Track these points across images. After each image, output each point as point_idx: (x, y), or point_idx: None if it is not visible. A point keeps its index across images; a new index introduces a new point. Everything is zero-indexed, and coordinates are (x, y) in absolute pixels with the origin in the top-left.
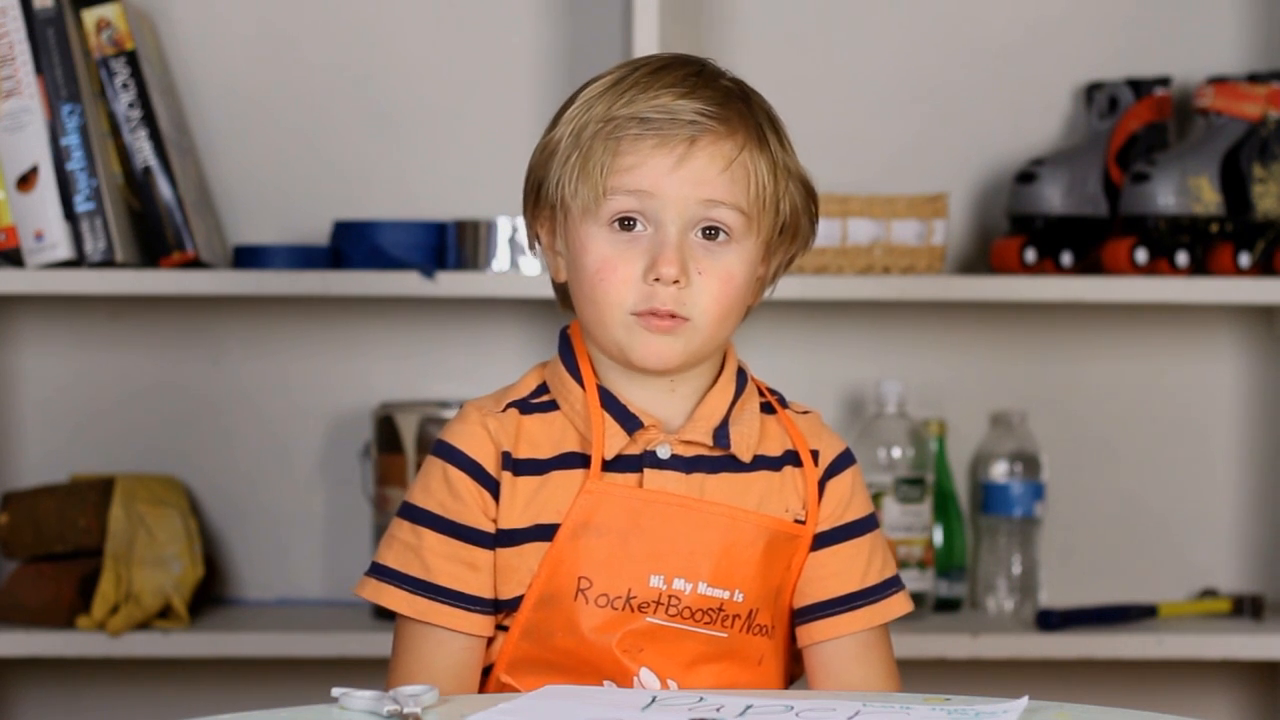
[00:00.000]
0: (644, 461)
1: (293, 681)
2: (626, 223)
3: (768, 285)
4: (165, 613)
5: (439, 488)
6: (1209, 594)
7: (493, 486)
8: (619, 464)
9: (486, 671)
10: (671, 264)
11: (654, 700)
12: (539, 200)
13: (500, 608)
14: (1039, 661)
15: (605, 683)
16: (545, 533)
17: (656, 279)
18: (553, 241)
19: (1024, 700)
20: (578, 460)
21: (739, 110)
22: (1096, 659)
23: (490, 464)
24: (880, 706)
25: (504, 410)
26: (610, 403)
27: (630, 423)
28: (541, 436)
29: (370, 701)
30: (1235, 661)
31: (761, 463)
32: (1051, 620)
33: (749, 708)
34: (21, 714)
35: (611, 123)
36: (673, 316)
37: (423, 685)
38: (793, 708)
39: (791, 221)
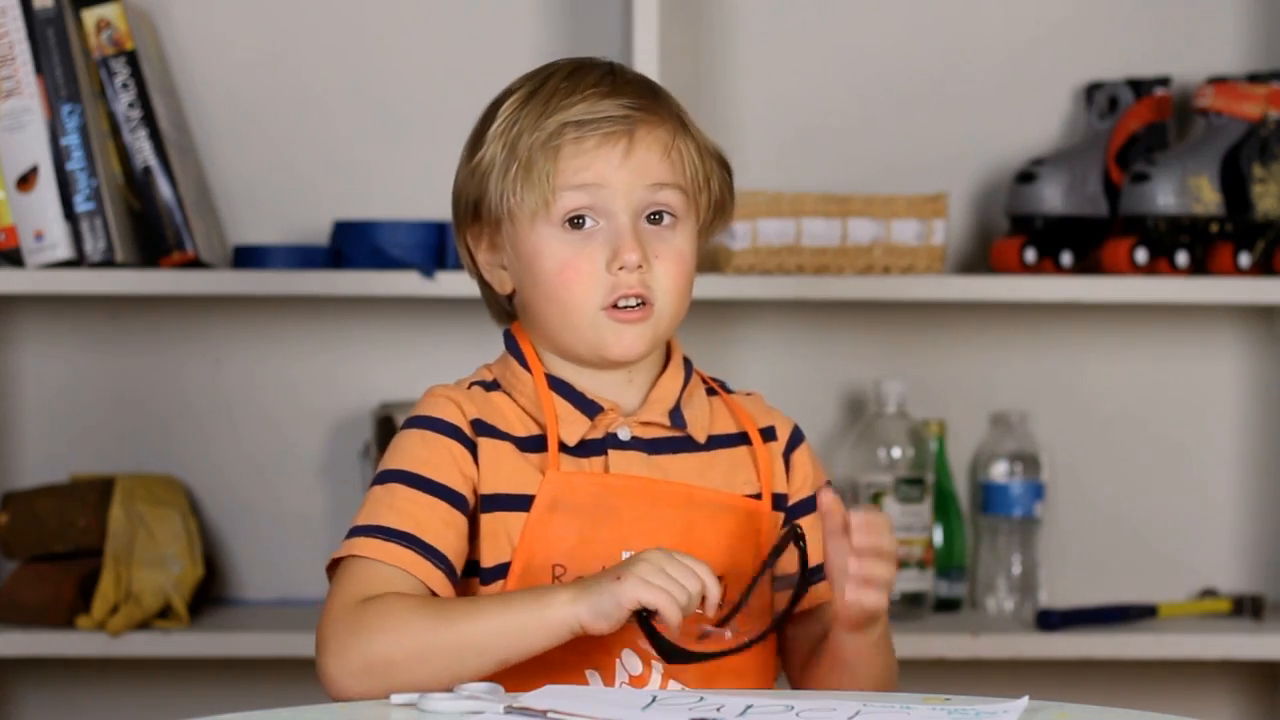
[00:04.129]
0: (607, 444)
1: (293, 681)
2: (576, 221)
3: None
4: (165, 613)
5: (414, 450)
6: (1209, 594)
7: (471, 447)
8: (583, 448)
9: None
10: (633, 250)
11: (654, 700)
12: (477, 218)
13: (485, 578)
14: (1039, 661)
15: (588, 672)
16: (525, 504)
17: (620, 267)
18: (493, 257)
19: (1024, 700)
20: (545, 445)
21: (658, 101)
22: (1096, 659)
23: (465, 428)
24: (880, 706)
25: (469, 389)
26: (566, 390)
27: (590, 408)
28: (511, 415)
29: (449, 702)
30: (1235, 661)
31: (717, 442)
32: (1051, 620)
33: (749, 708)
34: (21, 714)
35: (545, 130)
36: (640, 301)
37: (490, 684)
38: (793, 707)
39: (720, 199)
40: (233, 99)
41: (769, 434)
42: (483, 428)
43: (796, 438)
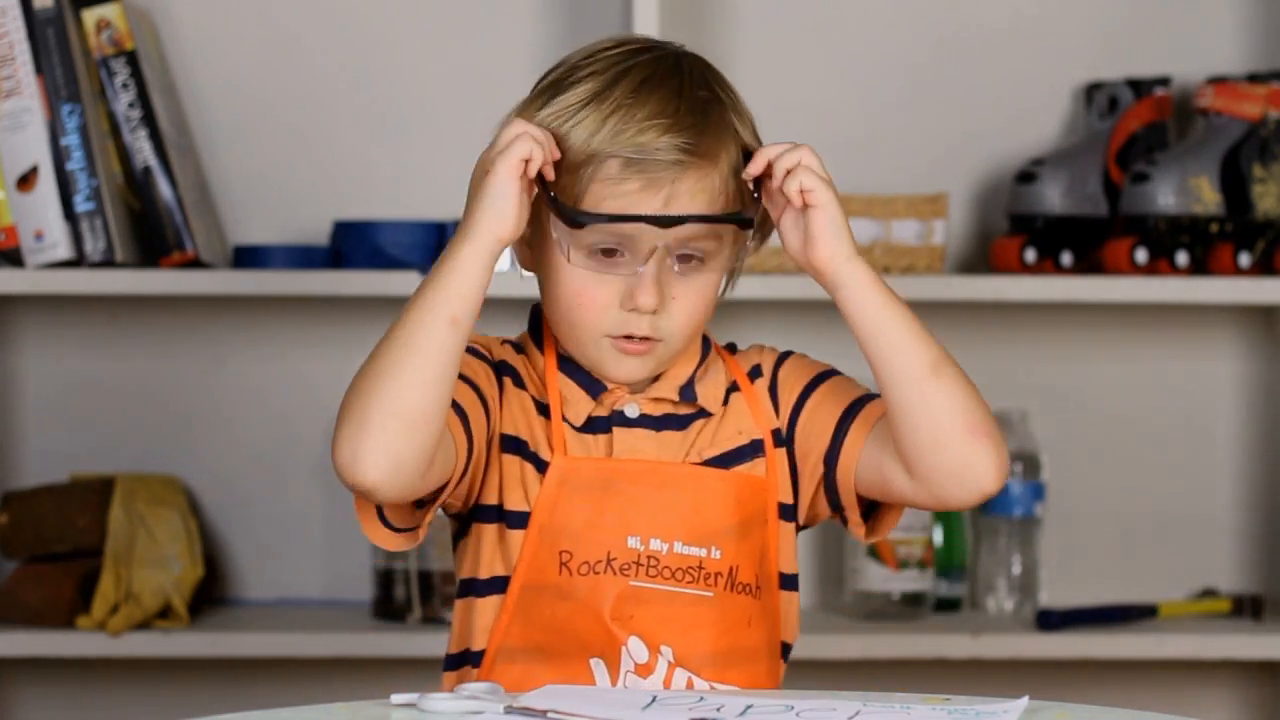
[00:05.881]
0: (613, 421)
1: (293, 681)
2: (606, 251)
3: (737, 274)
4: (165, 613)
5: None
6: (1209, 594)
7: (499, 377)
8: (588, 426)
9: (478, 659)
10: (651, 296)
11: (654, 700)
12: None
13: (510, 521)
14: (1039, 661)
15: (592, 661)
16: (535, 460)
17: (634, 308)
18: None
19: (1024, 700)
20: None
21: (717, 130)
22: (1096, 659)
23: (493, 361)
24: (880, 707)
25: (501, 343)
26: (574, 371)
27: (595, 387)
28: (531, 380)
29: (449, 702)
30: (1235, 661)
31: (719, 405)
32: (1051, 620)
33: (749, 708)
34: (21, 714)
35: (594, 159)
36: (646, 339)
37: (490, 684)
38: (793, 708)
39: (763, 217)
40: (233, 99)
41: (755, 372)
42: (508, 369)
43: (780, 360)
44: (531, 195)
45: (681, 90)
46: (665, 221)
